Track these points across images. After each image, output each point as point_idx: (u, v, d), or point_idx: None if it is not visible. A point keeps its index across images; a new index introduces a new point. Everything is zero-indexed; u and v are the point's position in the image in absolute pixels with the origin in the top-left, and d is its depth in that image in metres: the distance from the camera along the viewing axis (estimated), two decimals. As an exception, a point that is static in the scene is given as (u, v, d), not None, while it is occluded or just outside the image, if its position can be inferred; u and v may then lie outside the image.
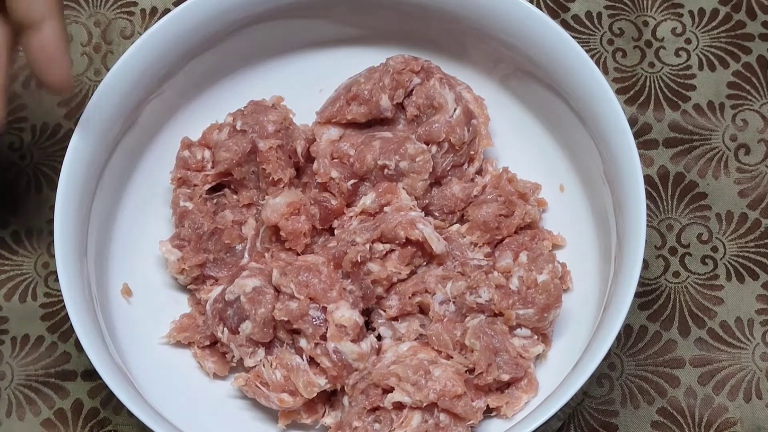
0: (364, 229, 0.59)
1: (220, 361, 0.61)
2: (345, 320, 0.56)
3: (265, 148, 0.60)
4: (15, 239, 0.68)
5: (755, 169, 0.69)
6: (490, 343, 0.57)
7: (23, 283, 0.67)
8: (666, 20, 0.72)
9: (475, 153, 0.63)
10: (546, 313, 0.58)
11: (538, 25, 0.59)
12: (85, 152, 0.57)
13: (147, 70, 0.60)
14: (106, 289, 0.59)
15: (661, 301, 0.66)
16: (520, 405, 0.58)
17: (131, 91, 0.59)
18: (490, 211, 0.61)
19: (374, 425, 0.57)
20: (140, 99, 0.60)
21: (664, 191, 0.68)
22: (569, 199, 0.63)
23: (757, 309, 0.66)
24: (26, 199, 0.68)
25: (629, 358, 0.65)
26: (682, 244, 0.67)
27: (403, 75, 0.61)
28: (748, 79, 0.71)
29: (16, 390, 0.64)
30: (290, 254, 0.60)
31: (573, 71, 0.59)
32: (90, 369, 0.64)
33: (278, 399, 0.58)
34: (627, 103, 0.70)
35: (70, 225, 0.56)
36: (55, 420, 0.64)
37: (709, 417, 0.63)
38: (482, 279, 0.58)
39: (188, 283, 0.62)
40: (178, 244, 0.61)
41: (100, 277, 0.59)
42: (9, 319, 0.66)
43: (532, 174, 0.63)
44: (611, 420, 0.63)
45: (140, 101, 0.61)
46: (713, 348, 0.65)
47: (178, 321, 0.61)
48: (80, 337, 0.53)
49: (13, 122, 0.71)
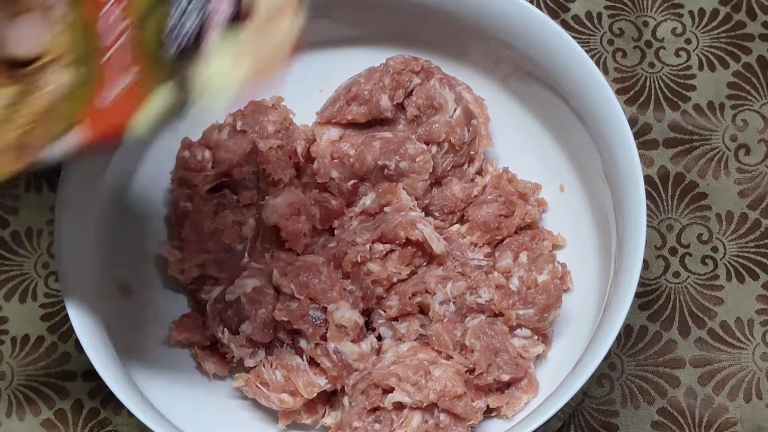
0: (364, 230, 0.59)
1: (220, 361, 0.61)
2: (345, 320, 0.56)
3: (265, 148, 0.60)
4: (15, 239, 0.68)
5: (755, 170, 0.69)
6: (490, 343, 0.57)
7: (23, 283, 0.67)
8: (666, 20, 0.72)
9: (475, 153, 0.63)
10: (546, 313, 0.58)
11: (538, 25, 0.59)
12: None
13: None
14: (106, 289, 0.59)
15: (661, 301, 0.66)
16: (520, 405, 0.58)
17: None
18: (490, 211, 0.61)
19: (374, 425, 0.57)
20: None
21: (664, 191, 0.68)
22: (569, 199, 0.63)
23: (757, 309, 0.66)
24: (26, 199, 0.68)
25: (629, 358, 0.65)
26: (682, 245, 0.67)
27: (403, 75, 0.61)
28: (748, 79, 0.71)
29: (16, 390, 0.64)
30: (290, 254, 0.60)
31: (573, 71, 0.59)
32: (90, 369, 0.64)
33: (278, 399, 0.58)
34: (627, 103, 0.70)
35: (71, 225, 0.56)
36: (56, 420, 0.64)
37: (709, 417, 0.63)
38: (482, 279, 0.58)
39: (188, 283, 0.62)
40: (179, 244, 0.61)
41: (101, 278, 0.59)
42: (9, 319, 0.66)
43: (532, 174, 0.63)
44: (611, 420, 0.63)
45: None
46: (713, 348, 0.65)
47: (178, 321, 0.61)
48: (80, 338, 0.53)
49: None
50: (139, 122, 0.43)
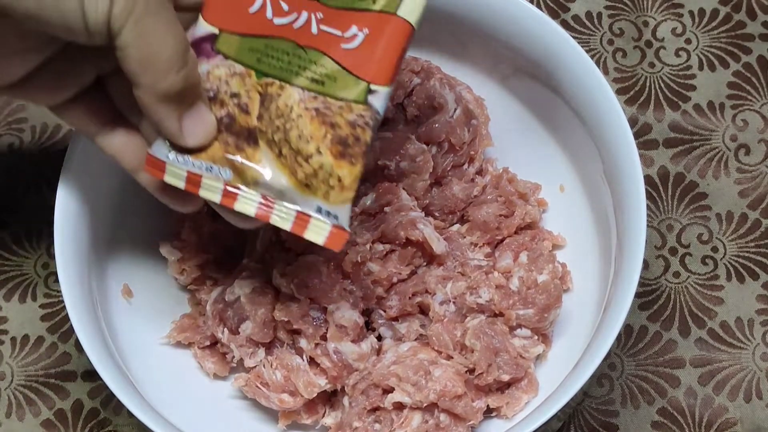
0: (364, 230, 0.59)
1: (221, 361, 0.61)
2: (345, 320, 0.56)
3: (265, 148, 0.60)
4: (15, 239, 0.68)
5: (755, 169, 0.69)
6: (491, 343, 0.57)
7: (23, 284, 0.67)
8: (666, 20, 0.72)
9: (475, 153, 0.63)
10: (546, 313, 0.58)
11: (538, 25, 0.59)
12: (85, 153, 0.57)
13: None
14: (106, 289, 0.59)
15: (662, 301, 0.66)
16: (520, 405, 0.58)
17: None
18: (490, 211, 0.61)
19: (374, 425, 0.57)
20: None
21: (664, 191, 0.68)
22: (569, 199, 0.63)
23: (757, 309, 0.66)
24: (26, 200, 0.68)
25: (629, 358, 0.65)
26: (683, 245, 0.67)
27: (403, 75, 0.61)
28: (748, 79, 0.71)
29: (16, 390, 0.64)
30: (290, 254, 0.60)
31: (573, 71, 0.59)
32: (90, 369, 0.64)
33: (278, 399, 0.58)
34: (627, 103, 0.70)
35: (70, 226, 0.56)
36: (55, 420, 0.64)
37: (709, 417, 0.63)
38: (482, 279, 0.58)
39: (188, 283, 0.62)
40: (179, 244, 0.61)
41: (101, 278, 0.59)
42: (9, 319, 0.66)
43: (532, 174, 0.63)
44: (611, 420, 0.63)
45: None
46: (713, 348, 0.65)
47: (178, 321, 0.61)
48: (80, 338, 0.53)
49: (12, 123, 0.71)
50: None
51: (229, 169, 0.46)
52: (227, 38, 0.47)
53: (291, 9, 0.47)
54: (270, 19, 0.47)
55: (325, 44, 0.47)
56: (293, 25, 0.47)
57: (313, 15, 0.47)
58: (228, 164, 0.46)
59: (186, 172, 0.46)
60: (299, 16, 0.47)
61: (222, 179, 0.46)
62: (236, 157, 0.46)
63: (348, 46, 0.47)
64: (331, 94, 0.47)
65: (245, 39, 0.47)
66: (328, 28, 0.47)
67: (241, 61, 0.47)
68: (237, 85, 0.47)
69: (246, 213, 0.47)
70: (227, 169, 0.46)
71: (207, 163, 0.46)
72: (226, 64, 0.47)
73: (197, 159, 0.46)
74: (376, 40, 0.47)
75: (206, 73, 0.47)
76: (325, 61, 0.47)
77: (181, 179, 0.46)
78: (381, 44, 0.47)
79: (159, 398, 0.57)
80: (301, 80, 0.47)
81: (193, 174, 0.46)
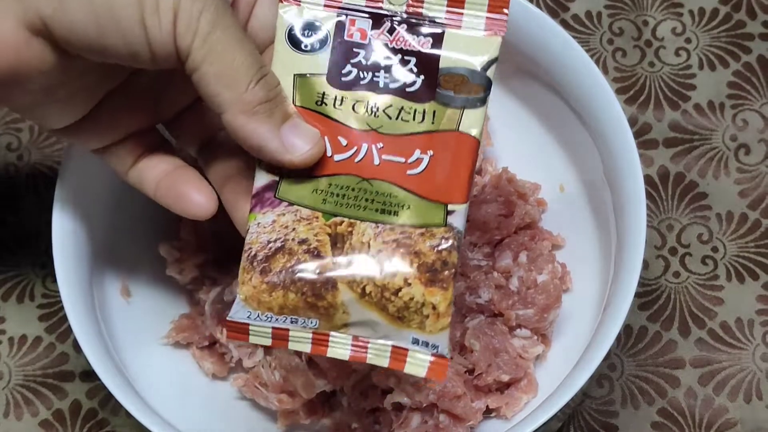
0: (363, 230, 0.59)
1: (219, 361, 0.61)
2: (344, 321, 0.56)
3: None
4: (13, 239, 0.67)
5: (755, 169, 0.69)
6: (490, 343, 0.57)
7: (21, 284, 0.67)
8: (666, 20, 0.72)
9: (474, 153, 0.62)
10: (546, 313, 0.57)
11: (538, 25, 0.59)
12: (83, 153, 0.57)
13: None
14: (104, 289, 0.59)
15: (662, 301, 0.66)
16: (519, 406, 0.58)
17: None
18: (489, 211, 0.61)
19: (374, 426, 0.57)
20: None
21: (664, 191, 0.68)
22: (569, 199, 0.63)
23: (758, 309, 0.65)
24: (24, 200, 0.68)
25: (629, 358, 0.65)
26: (683, 244, 0.67)
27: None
28: (748, 78, 0.70)
29: (14, 390, 0.64)
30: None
31: (573, 71, 0.58)
32: (88, 370, 0.64)
33: (277, 400, 0.58)
34: (627, 103, 0.70)
35: (68, 226, 0.56)
36: (53, 421, 0.64)
37: (709, 418, 0.63)
38: (482, 279, 0.58)
39: (187, 283, 0.61)
40: (178, 244, 0.61)
41: (99, 278, 0.58)
42: (6, 319, 0.66)
43: (532, 174, 0.63)
44: (611, 421, 0.63)
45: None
46: (713, 348, 0.65)
47: (177, 321, 0.61)
48: (78, 338, 0.53)
49: (10, 122, 0.70)
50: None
51: (314, 318, 0.44)
52: (289, 183, 0.45)
53: (350, 143, 0.45)
54: (330, 156, 0.45)
55: (389, 174, 0.45)
56: (354, 159, 0.45)
57: (373, 146, 0.45)
58: (312, 313, 0.44)
59: (271, 328, 0.45)
60: (359, 149, 0.45)
61: (309, 328, 0.45)
62: (319, 305, 0.44)
63: (413, 172, 0.45)
64: (408, 222, 0.45)
65: (307, 181, 0.45)
66: (390, 156, 0.45)
67: (306, 205, 0.45)
68: (304, 230, 0.45)
69: (340, 358, 0.45)
70: (313, 319, 0.44)
71: (290, 316, 0.44)
72: (291, 210, 0.45)
73: (280, 314, 0.44)
74: (443, 160, 0.45)
75: (271, 222, 0.45)
76: (394, 190, 0.45)
77: (266, 337, 0.45)
78: (449, 163, 0.45)
79: (157, 399, 0.56)
80: (372, 214, 0.45)
81: (279, 329, 0.45)
